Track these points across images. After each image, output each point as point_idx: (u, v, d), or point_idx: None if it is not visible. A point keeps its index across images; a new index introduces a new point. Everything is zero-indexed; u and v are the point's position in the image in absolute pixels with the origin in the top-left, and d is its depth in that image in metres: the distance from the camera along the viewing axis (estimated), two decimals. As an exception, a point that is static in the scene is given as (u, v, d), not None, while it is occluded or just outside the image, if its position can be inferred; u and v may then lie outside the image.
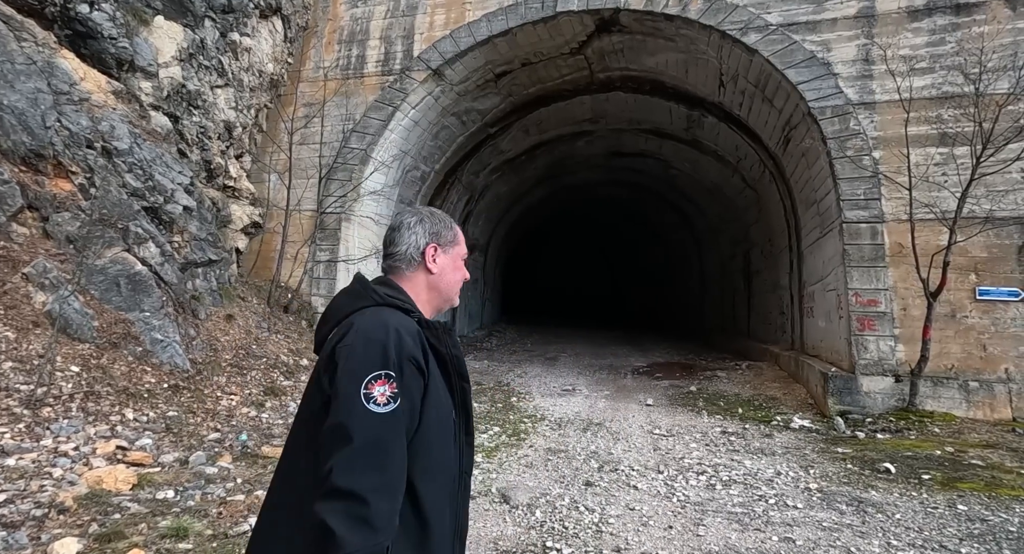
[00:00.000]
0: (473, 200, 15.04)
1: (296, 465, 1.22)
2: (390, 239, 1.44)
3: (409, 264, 1.42)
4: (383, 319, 1.24)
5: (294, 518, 1.15)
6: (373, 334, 1.20)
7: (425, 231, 1.43)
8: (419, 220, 1.45)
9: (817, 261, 9.03)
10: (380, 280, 1.41)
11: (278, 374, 7.60)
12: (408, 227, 1.43)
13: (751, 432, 6.82)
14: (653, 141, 14.45)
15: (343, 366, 1.15)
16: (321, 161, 9.71)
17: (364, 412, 1.12)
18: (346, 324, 1.24)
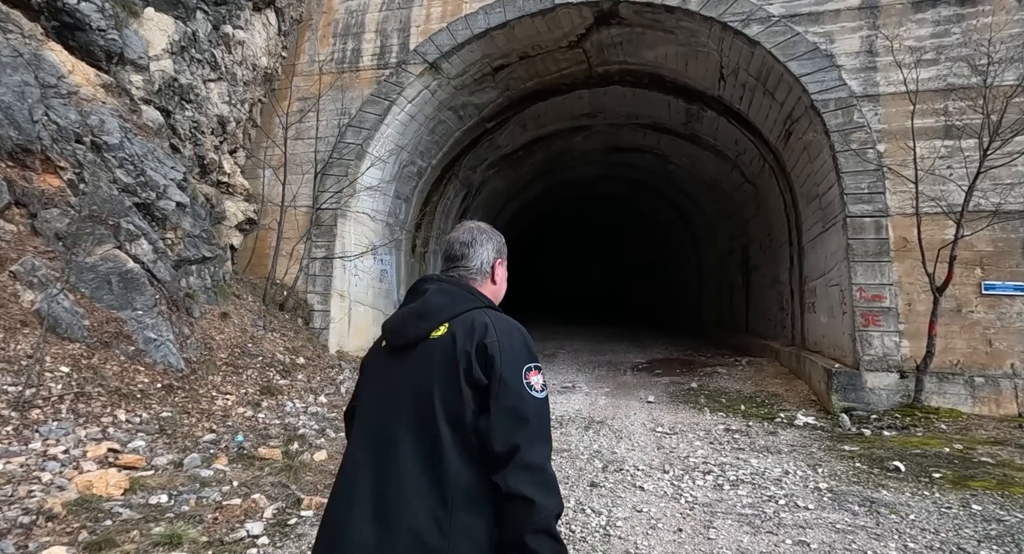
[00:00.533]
0: (470, 196, 14.88)
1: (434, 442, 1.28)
2: (462, 253, 1.54)
3: (480, 276, 1.54)
4: (508, 320, 1.40)
5: (454, 485, 1.24)
6: (514, 333, 1.37)
7: (494, 247, 1.58)
8: (488, 237, 1.58)
9: (819, 256, 8.93)
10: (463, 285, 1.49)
11: (274, 373, 7.45)
12: (481, 244, 1.55)
13: (755, 430, 6.72)
14: (651, 136, 14.32)
15: (504, 360, 1.30)
16: (316, 156, 9.53)
17: (531, 398, 1.30)
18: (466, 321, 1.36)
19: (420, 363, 1.34)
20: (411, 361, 1.35)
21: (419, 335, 1.37)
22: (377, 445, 1.31)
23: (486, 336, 1.32)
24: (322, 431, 6.03)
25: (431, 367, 1.32)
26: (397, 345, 1.40)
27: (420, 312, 1.39)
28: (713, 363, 11.42)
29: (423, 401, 1.30)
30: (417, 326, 1.37)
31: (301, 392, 7.28)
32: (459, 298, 1.42)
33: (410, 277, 12.33)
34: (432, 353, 1.33)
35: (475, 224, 1.62)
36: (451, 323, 1.36)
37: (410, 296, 1.50)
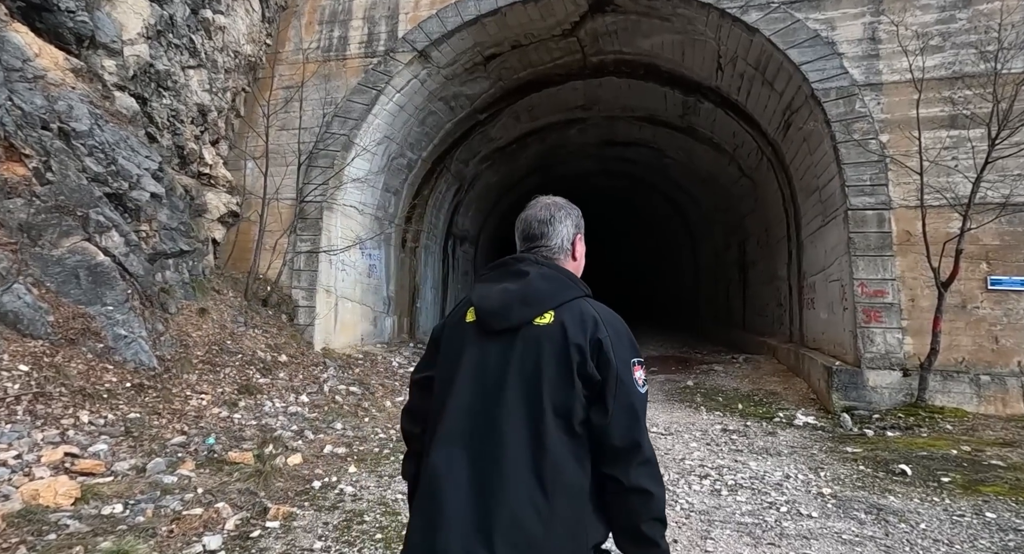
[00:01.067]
0: (462, 190, 14.56)
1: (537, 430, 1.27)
2: (541, 231, 1.48)
3: (563, 254, 1.49)
4: (610, 311, 1.40)
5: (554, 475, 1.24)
6: (619, 326, 1.38)
7: (572, 222, 1.51)
8: (566, 213, 1.52)
9: (819, 251, 8.66)
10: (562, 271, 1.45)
11: (254, 371, 7.14)
12: (560, 220, 1.49)
13: (753, 430, 6.46)
14: (647, 129, 14.02)
15: (617, 356, 1.31)
16: (301, 147, 9.19)
17: (640, 394, 1.33)
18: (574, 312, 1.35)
19: (525, 350, 1.31)
20: (513, 346, 1.32)
21: (523, 320, 1.34)
22: (476, 427, 1.30)
23: (598, 330, 1.32)
24: (300, 433, 5.73)
25: (539, 355, 1.30)
26: (497, 328, 1.35)
27: (524, 297, 1.35)
28: (709, 360, 11.16)
29: (529, 388, 1.29)
30: (521, 311, 1.34)
31: (282, 391, 6.98)
32: (562, 285, 1.39)
33: (400, 272, 12.03)
34: (540, 341, 1.31)
35: (551, 200, 1.55)
36: (556, 312, 1.34)
37: (501, 275, 1.44)
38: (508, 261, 1.46)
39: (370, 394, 7.66)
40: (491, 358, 1.34)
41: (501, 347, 1.33)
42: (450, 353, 1.42)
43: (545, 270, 1.41)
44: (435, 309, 14.11)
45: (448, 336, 1.46)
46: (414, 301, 12.62)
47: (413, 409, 1.52)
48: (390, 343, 11.32)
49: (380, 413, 6.90)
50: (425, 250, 13.29)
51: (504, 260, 1.48)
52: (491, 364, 1.33)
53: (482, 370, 1.34)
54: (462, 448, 1.29)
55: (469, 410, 1.31)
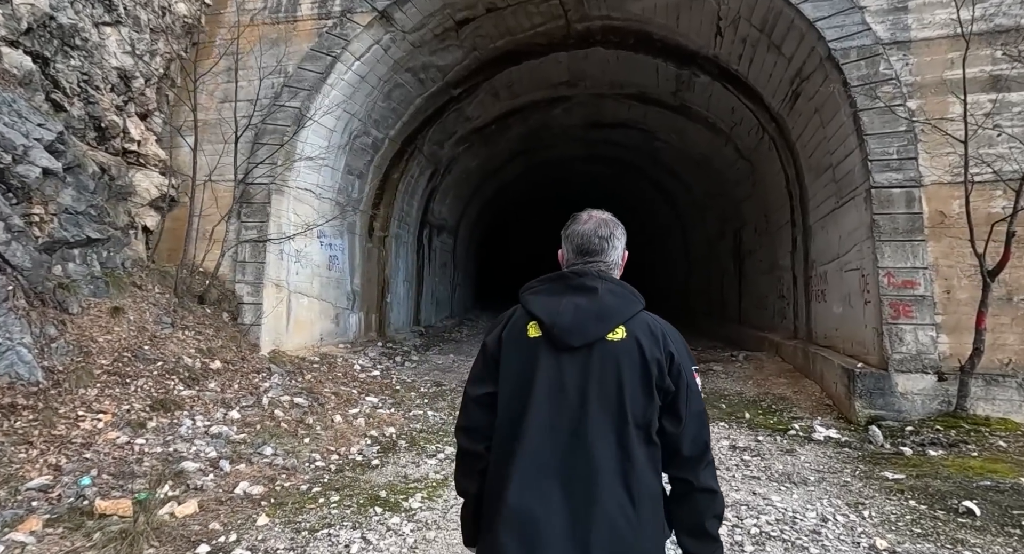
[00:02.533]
0: (438, 175, 13.37)
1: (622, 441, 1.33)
2: (601, 247, 1.51)
3: (616, 269, 1.54)
4: (669, 323, 1.49)
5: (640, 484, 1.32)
6: (681, 338, 1.47)
7: (623, 239, 1.57)
8: (622, 231, 1.56)
9: (831, 237, 7.63)
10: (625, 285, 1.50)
11: (176, 381, 5.96)
12: (618, 238, 1.54)
13: (767, 447, 5.42)
14: (637, 108, 12.91)
15: (687, 368, 1.42)
16: (239, 121, 7.93)
17: (703, 400, 1.45)
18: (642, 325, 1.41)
19: (604, 365, 1.35)
20: (590, 361, 1.36)
21: (598, 336, 1.37)
22: (560, 443, 1.33)
23: (668, 344, 1.40)
24: (215, 463, 4.57)
25: (619, 370, 1.35)
26: (575, 344, 1.36)
27: (598, 313, 1.39)
28: (707, 358, 10.14)
29: (611, 402, 1.33)
30: (598, 328, 1.37)
31: (209, 406, 5.81)
32: (628, 300, 1.44)
33: (367, 264, 10.85)
34: (617, 356, 1.36)
35: (605, 216, 1.56)
36: (627, 326, 1.39)
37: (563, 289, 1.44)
38: (568, 275, 1.47)
39: (319, 406, 6.51)
40: (568, 374, 1.36)
41: (578, 362, 1.36)
42: (518, 369, 1.41)
43: (611, 285, 1.44)
44: (408, 304, 12.94)
45: (509, 351, 1.44)
46: (383, 296, 11.44)
47: (473, 426, 1.48)
48: (355, 342, 10.16)
49: (326, 431, 5.76)
50: (396, 240, 12.10)
51: (563, 274, 1.48)
52: (569, 380, 1.36)
53: (560, 386, 1.36)
54: (549, 464, 1.32)
55: (551, 426, 1.34)
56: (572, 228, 1.54)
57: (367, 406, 6.84)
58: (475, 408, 1.49)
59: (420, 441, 5.62)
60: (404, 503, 4.00)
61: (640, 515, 1.29)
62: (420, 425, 6.24)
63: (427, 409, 6.90)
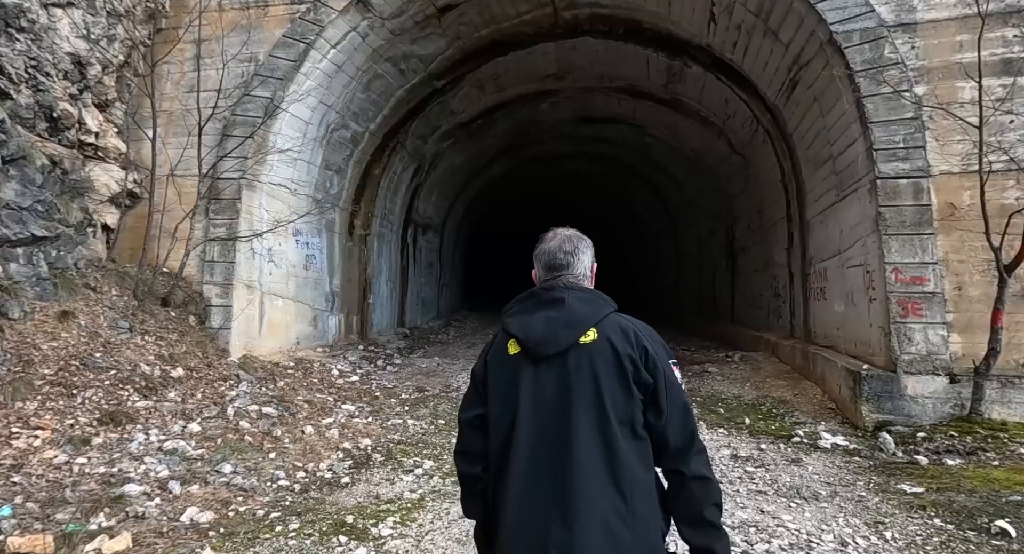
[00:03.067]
0: (422, 171, 12.88)
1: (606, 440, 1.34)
2: (567, 261, 1.55)
3: (585, 280, 1.57)
4: (642, 322, 1.51)
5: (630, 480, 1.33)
6: (654, 334, 1.49)
7: (591, 253, 1.61)
8: (586, 245, 1.61)
9: (831, 232, 7.27)
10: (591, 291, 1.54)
11: (131, 391, 5.44)
12: (582, 251, 1.58)
13: (771, 456, 5.02)
14: (627, 103, 12.51)
15: (663, 361, 1.42)
16: (202, 111, 7.39)
17: (684, 391, 1.45)
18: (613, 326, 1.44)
19: (579, 368, 1.37)
20: (567, 367, 1.38)
21: (570, 342, 1.40)
22: (549, 447, 1.34)
23: (640, 339, 1.42)
24: (164, 484, 4.08)
25: (594, 370, 1.37)
26: (548, 353, 1.40)
27: (567, 321, 1.42)
28: (701, 359, 9.75)
29: (589, 403, 1.35)
30: (568, 334, 1.40)
31: (166, 417, 5.30)
32: (596, 305, 1.47)
33: (347, 264, 10.34)
34: (591, 358, 1.38)
35: (570, 233, 1.61)
36: (598, 328, 1.41)
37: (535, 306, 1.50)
38: (538, 292, 1.52)
39: (289, 416, 6.02)
40: (548, 383, 1.39)
41: (554, 370, 1.39)
42: (503, 387, 1.44)
43: (578, 293, 1.48)
44: (391, 305, 12.45)
45: (495, 372, 1.48)
46: (365, 297, 10.95)
47: (469, 450, 1.50)
48: (334, 346, 9.66)
49: (294, 444, 5.27)
50: (379, 238, 11.61)
51: (533, 291, 1.54)
52: (549, 388, 1.38)
53: (542, 396, 1.38)
54: (541, 474, 1.33)
55: (539, 436, 1.36)
56: (539, 247, 1.60)
57: (342, 415, 6.36)
58: (468, 431, 1.52)
59: (397, 454, 5.15)
60: (373, 529, 3.54)
61: (634, 511, 1.29)
62: (398, 436, 5.78)
63: (407, 418, 6.44)
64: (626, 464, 1.31)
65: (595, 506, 1.28)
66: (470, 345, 12.69)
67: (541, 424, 1.36)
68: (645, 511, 1.32)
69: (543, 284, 1.55)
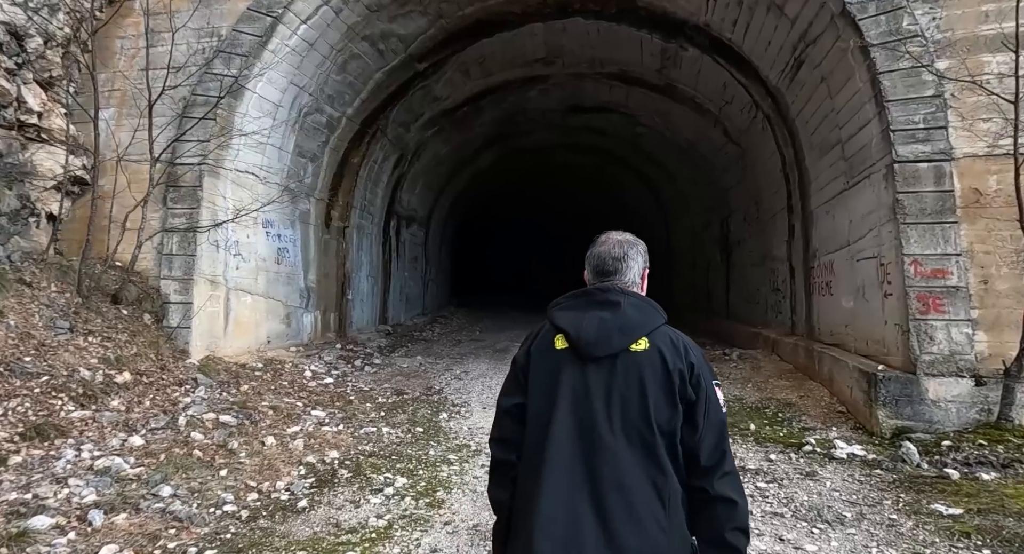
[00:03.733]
0: (405, 161, 12.23)
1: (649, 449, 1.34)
2: (615, 268, 1.55)
3: (635, 286, 1.56)
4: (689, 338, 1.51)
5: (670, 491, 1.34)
6: (701, 352, 1.48)
7: (643, 259, 1.61)
8: (637, 250, 1.60)
9: (839, 222, 6.76)
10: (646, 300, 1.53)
11: (66, 400, 4.79)
12: (632, 258, 1.57)
13: (783, 469, 4.49)
14: (618, 90, 11.93)
15: (707, 377, 1.42)
16: (152, 88, 6.71)
17: (723, 412, 1.43)
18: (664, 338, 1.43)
19: (626, 374, 1.38)
20: (614, 371, 1.38)
21: (622, 347, 1.40)
22: (588, 447, 1.34)
23: (688, 355, 1.42)
24: (84, 514, 3.45)
25: (641, 380, 1.37)
26: (599, 355, 1.40)
27: (622, 326, 1.41)
28: (697, 357, 9.21)
29: (635, 411, 1.35)
30: (621, 339, 1.40)
31: (106, 429, 4.67)
32: (650, 314, 1.47)
33: (324, 257, 9.69)
34: (640, 366, 1.38)
35: (622, 237, 1.60)
36: (650, 338, 1.41)
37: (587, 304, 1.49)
38: (592, 291, 1.52)
39: (251, 425, 5.40)
40: (594, 384, 1.38)
41: (602, 372, 1.38)
42: (545, 380, 1.44)
43: (633, 300, 1.47)
44: (373, 301, 11.80)
45: (538, 363, 1.48)
46: (344, 292, 10.31)
47: (506, 438, 1.50)
48: (309, 345, 9.02)
49: (251, 459, 4.66)
50: (359, 231, 10.96)
51: (587, 290, 1.53)
52: (593, 389, 1.38)
53: (584, 395, 1.38)
54: (577, 471, 1.33)
55: (580, 437, 1.35)
56: (591, 250, 1.59)
57: (311, 422, 5.75)
58: (507, 419, 1.50)
59: (367, 469, 4.56)
60: (326, 571, 2.95)
61: (671, 522, 1.30)
62: (371, 446, 5.18)
63: (382, 425, 5.84)
64: (667, 475, 1.32)
65: (637, 512, 1.28)
66: (455, 342, 12.09)
67: (582, 424, 1.36)
68: (680, 523, 1.33)
69: (599, 285, 1.53)
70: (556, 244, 29.03)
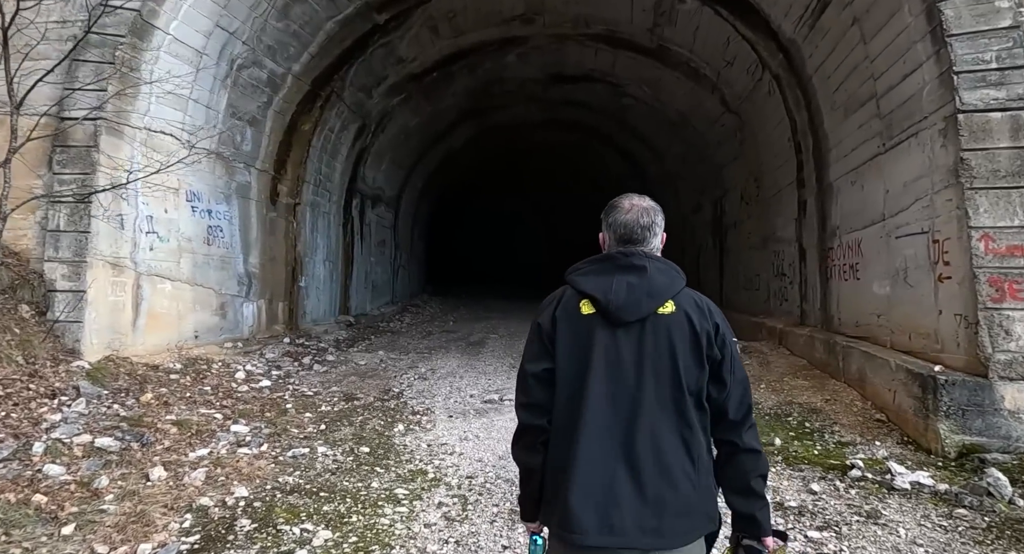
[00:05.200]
0: (368, 131, 10.82)
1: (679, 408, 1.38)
2: (643, 237, 1.51)
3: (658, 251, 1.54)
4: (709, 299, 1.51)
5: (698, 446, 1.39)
6: (720, 312, 1.49)
7: (663, 224, 1.56)
8: (662, 219, 1.55)
9: (871, 193, 5.64)
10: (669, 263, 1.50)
11: None
12: (658, 224, 1.53)
13: (833, 506, 3.37)
14: (605, 54, 10.68)
15: (729, 337, 1.45)
16: (2, 15, 5.22)
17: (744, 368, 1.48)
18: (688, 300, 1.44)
19: (655, 337, 1.39)
20: (644, 334, 1.39)
21: (650, 311, 1.41)
22: (621, 409, 1.37)
23: (713, 316, 1.44)
24: None
25: (670, 341, 1.39)
26: (629, 319, 1.40)
27: (649, 290, 1.42)
28: (694, 351, 8.09)
29: (665, 371, 1.38)
30: (650, 304, 1.41)
31: (-85, 465, 3.31)
32: (674, 277, 1.47)
33: (269, 238, 8.31)
34: (669, 329, 1.39)
35: (647, 204, 1.53)
36: (675, 301, 1.42)
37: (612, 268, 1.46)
38: (615, 256, 1.49)
39: (140, 449, 4.09)
40: (624, 347, 1.40)
41: (632, 336, 1.39)
42: (574, 345, 1.44)
43: (658, 264, 1.47)
44: (332, 289, 10.44)
45: (565, 329, 1.46)
46: (295, 279, 8.94)
47: (535, 402, 1.48)
48: (251, 340, 7.67)
49: (120, 504, 3.35)
50: (313, 209, 9.56)
51: (610, 255, 1.50)
52: (625, 352, 1.39)
53: (616, 358, 1.39)
54: (612, 432, 1.36)
55: (612, 396, 1.38)
56: (614, 217, 1.53)
57: (225, 443, 4.45)
58: (535, 384, 1.48)
59: (280, 515, 3.30)
60: None
61: (700, 474, 1.35)
62: (296, 477, 3.92)
63: (318, 443, 4.58)
64: (695, 431, 1.36)
65: (669, 467, 1.32)
66: (425, 335, 10.82)
67: (616, 386, 1.38)
68: (707, 476, 1.38)
69: (623, 249, 1.49)
70: (536, 230, 27.78)
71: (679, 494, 1.30)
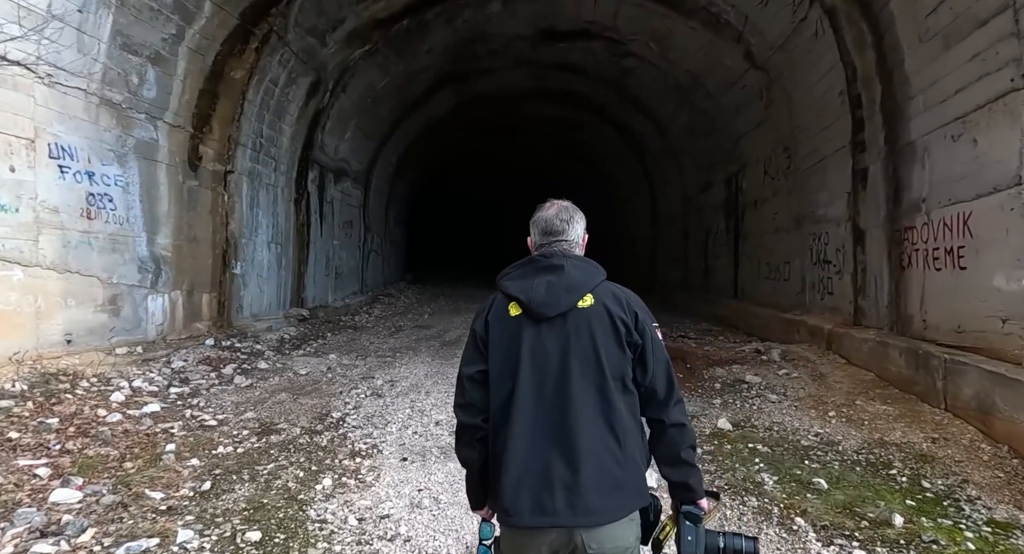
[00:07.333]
0: (325, 88, 8.90)
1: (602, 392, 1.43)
2: (562, 229, 1.61)
3: (576, 246, 1.63)
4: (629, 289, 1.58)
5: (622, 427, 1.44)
6: (640, 300, 1.56)
7: (583, 223, 1.65)
8: (580, 216, 1.66)
9: (989, 148, 3.96)
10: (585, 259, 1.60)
11: None
12: (576, 221, 1.63)
13: None
14: (606, 2, 8.85)
15: (649, 324, 1.51)
16: None
17: (664, 348, 1.54)
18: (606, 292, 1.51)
19: (576, 329, 1.45)
20: (566, 328, 1.45)
21: (570, 305, 1.47)
22: (550, 399, 1.43)
23: (631, 305, 1.51)
24: None
25: (591, 332, 1.45)
26: (550, 315, 1.46)
27: (567, 286, 1.48)
28: (721, 357, 6.40)
29: (587, 360, 1.44)
30: (568, 299, 1.47)
31: None
32: (591, 272, 1.54)
33: (189, 213, 6.45)
34: (588, 320, 1.46)
35: (566, 204, 1.66)
36: (594, 294, 1.49)
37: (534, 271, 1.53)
38: (537, 259, 1.57)
39: None
40: (548, 341, 1.46)
41: (555, 330, 1.46)
42: (504, 345, 1.49)
43: (575, 261, 1.55)
44: (282, 277, 8.56)
45: (496, 331, 1.52)
46: (226, 264, 7.08)
47: (470, 402, 1.54)
48: (157, 343, 5.85)
49: None
50: (252, 179, 7.67)
51: (532, 258, 1.58)
52: (550, 346, 1.45)
53: (542, 352, 1.45)
54: (542, 422, 1.42)
55: (540, 389, 1.44)
56: (537, 215, 1.65)
57: (21, 529, 2.68)
58: (470, 386, 1.54)
59: None
60: None
61: (625, 453, 1.40)
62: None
63: (181, 523, 2.82)
64: (619, 413, 1.42)
65: (594, 448, 1.38)
66: (394, 330, 9.04)
67: (543, 378, 1.44)
68: (634, 452, 1.42)
69: (540, 251, 1.60)
70: (520, 214, 25.97)
71: (605, 473, 1.37)
